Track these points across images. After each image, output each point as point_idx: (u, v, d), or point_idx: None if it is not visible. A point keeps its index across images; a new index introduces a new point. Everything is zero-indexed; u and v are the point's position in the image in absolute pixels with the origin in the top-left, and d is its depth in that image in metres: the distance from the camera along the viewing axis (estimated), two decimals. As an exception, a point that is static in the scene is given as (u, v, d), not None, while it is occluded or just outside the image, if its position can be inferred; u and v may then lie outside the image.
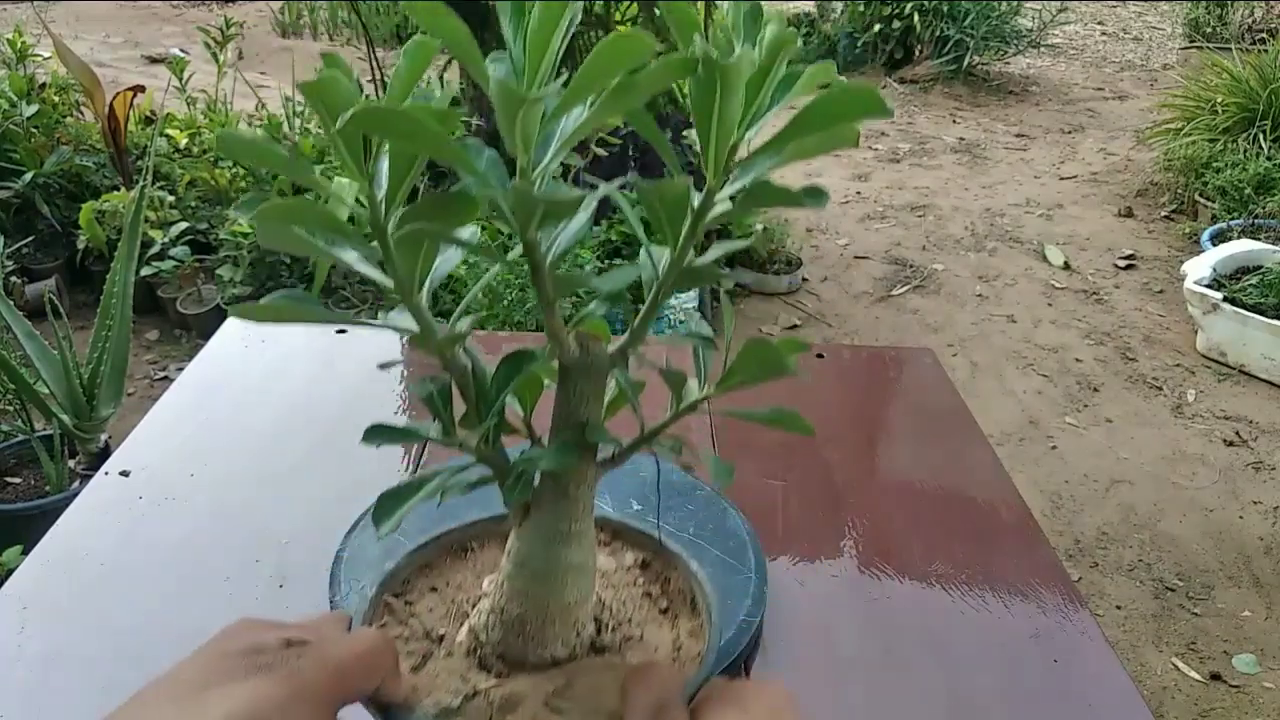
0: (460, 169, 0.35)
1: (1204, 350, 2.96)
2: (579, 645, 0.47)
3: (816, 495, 0.91)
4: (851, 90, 0.33)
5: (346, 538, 0.79)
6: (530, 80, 0.34)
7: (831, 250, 3.67)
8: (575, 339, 0.43)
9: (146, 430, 0.97)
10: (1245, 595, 2.03)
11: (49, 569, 0.78)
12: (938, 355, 1.16)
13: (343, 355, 1.13)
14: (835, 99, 0.34)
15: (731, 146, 0.36)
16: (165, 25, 6.99)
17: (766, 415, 0.43)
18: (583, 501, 0.46)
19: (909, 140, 5.00)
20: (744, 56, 0.33)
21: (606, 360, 0.44)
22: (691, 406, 0.46)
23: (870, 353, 1.25)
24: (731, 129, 0.36)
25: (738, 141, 0.36)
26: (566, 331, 0.43)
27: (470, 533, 0.56)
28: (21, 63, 3.09)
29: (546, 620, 0.46)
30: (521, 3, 0.33)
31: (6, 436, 2.06)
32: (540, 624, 0.46)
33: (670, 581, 0.54)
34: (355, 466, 0.91)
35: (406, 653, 0.47)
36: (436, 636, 0.49)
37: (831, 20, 6.33)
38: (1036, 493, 2.34)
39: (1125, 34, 7.54)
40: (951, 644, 0.73)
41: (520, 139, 0.34)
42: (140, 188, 2.11)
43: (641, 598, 0.53)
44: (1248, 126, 3.86)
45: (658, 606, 0.52)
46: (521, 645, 0.46)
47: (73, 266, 2.98)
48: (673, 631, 0.50)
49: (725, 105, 0.35)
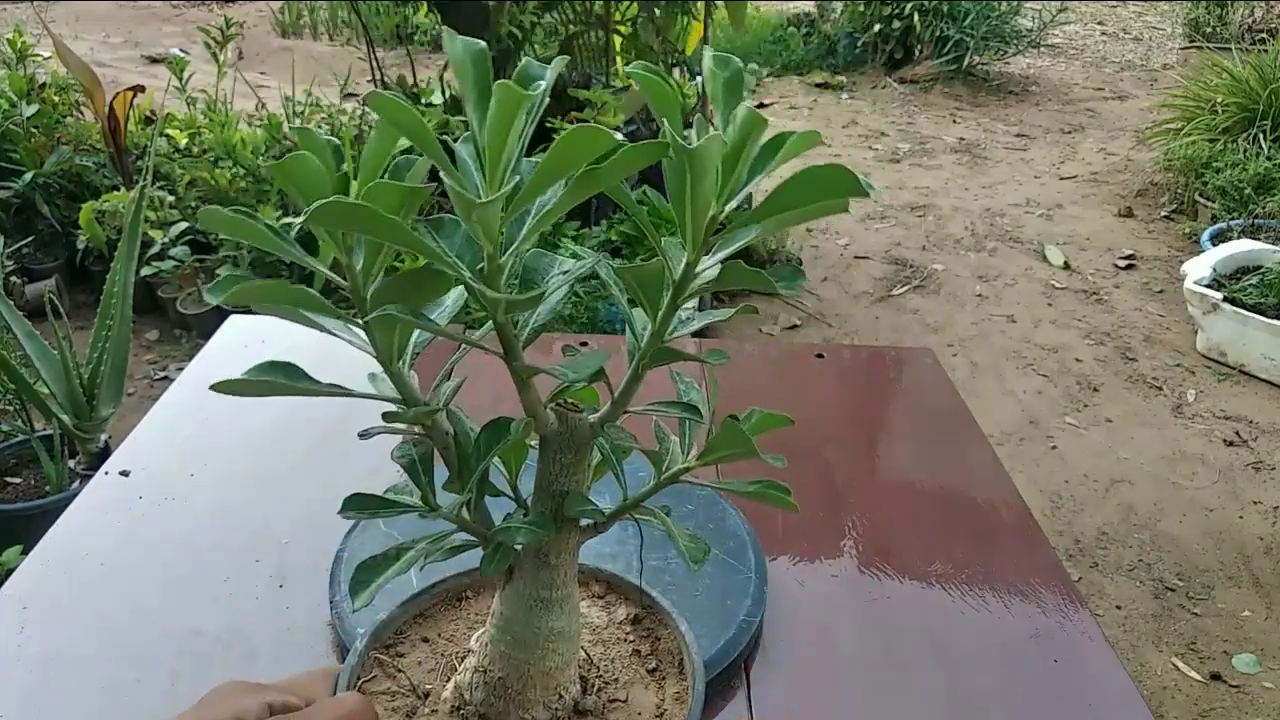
0: (426, 255, 0.35)
1: (1204, 350, 2.96)
2: (561, 708, 0.47)
3: (816, 495, 0.91)
4: (825, 173, 0.35)
5: (346, 538, 0.79)
6: (492, 168, 0.34)
7: (831, 250, 3.67)
8: (553, 411, 0.43)
9: (146, 430, 0.97)
10: (1245, 595, 2.03)
11: (49, 569, 0.78)
12: (938, 355, 1.16)
13: (343, 355, 1.13)
14: (808, 181, 0.35)
15: (710, 219, 0.36)
16: (165, 25, 6.99)
17: (752, 491, 0.44)
18: (564, 569, 0.46)
19: (909, 140, 5.00)
20: (713, 142, 0.33)
21: (587, 431, 0.44)
22: (673, 477, 0.47)
23: (870, 353, 1.25)
24: (706, 206, 0.36)
25: (716, 214, 0.36)
26: (545, 406, 0.43)
27: (465, 581, 0.56)
28: (21, 62, 3.09)
29: (528, 684, 0.46)
30: (486, 91, 0.33)
31: (6, 436, 2.06)
32: (521, 688, 0.46)
33: (660, 640, 0.54)
34: (355, 466, 0.91)
35: (391, 709, 0.48)
36: (423, 692, 0.49)
37: (831, 20, 6.33)
38: (1036, 493, 2.34)
39: (1125, 34, 7.54)
40: (951, 644, 0.73)
41: (483, 235, 0.35)
42: (140, 188, 2.11)
43: (630, 656, 0.53)
44: (1248, 126, 3.86)
45: (646, 666, 0.52)
46: (504, 707, 0.46)
47: (73, 266, 2.98)
48: (659, 695, 0.50)
49: (697, 187, 0.35)
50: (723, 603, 0.74)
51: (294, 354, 1.24)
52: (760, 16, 6.32)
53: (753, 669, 0.71)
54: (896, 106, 5.59)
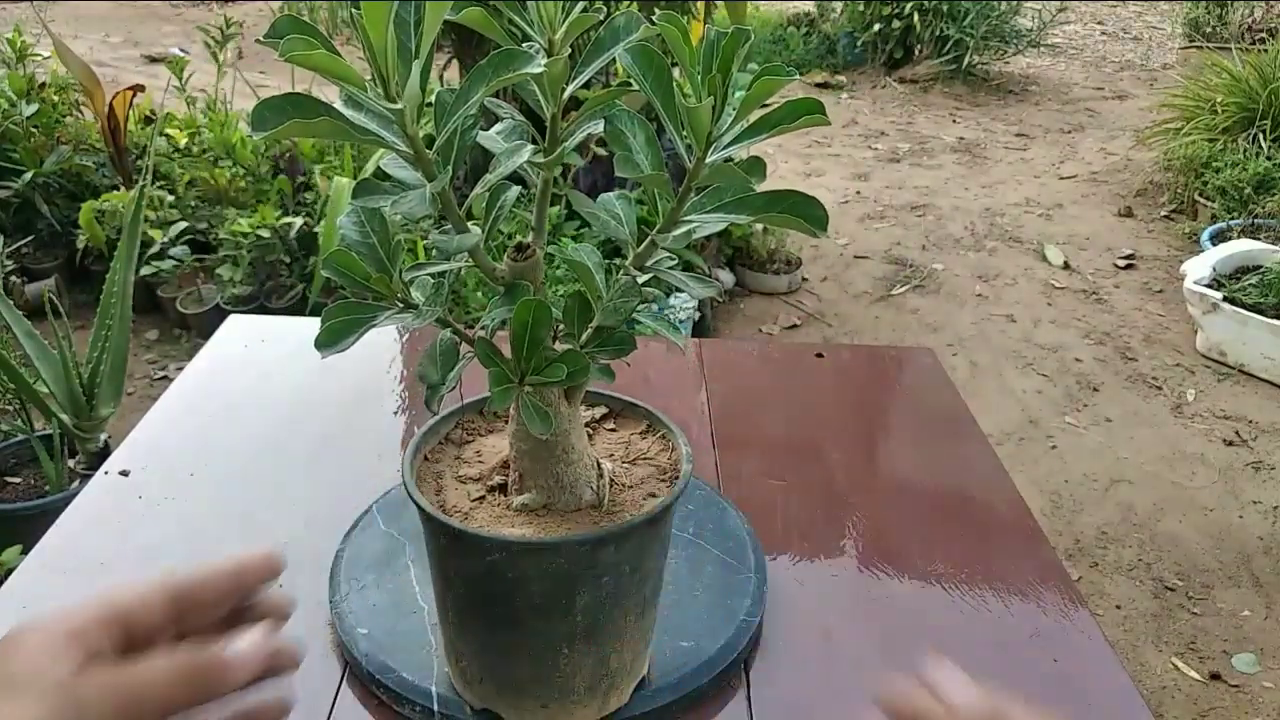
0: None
1: (1204, 350, 2.96)
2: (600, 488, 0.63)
3: (816, 495, 0.91)
4: (799, 102, 0.47)
5: (346, 538, 0.79)
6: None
7: (831, 250, 3.67)
8: (508, 256, 0.56)
9: (146, 430, 0.97)
10: (1245, 595, 2.03)
11: (49, 569, 0.78)
12: (938, 355, 1.16)
13: (343, 355, 1.13)
14: (785, 110, 0.48)
15: (708, 136, 0.49)
16: (165, 25, 6.99)
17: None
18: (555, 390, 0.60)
19: (909, 140, 5.00)
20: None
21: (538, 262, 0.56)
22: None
23: (870, 352, 1.25)
24: (704, 126, 0.49)
25: (711, 129, 0.49)
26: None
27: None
28: (21, 62, 3.09)
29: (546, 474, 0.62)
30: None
31: (6, 436, 2.06)
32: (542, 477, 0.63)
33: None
34: (355, 466, 0.91)
35: (457, 479, 0.65)
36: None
37: (831, 20, 6.33)
38: (1036, 492, 2.34)
39: (1125, 34, 7.54)
40: (951, 644, 0.73)
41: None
42: (140, 187, 2.11)
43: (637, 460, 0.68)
44: (1248, 126, 3.86)
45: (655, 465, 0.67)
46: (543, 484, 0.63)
47: (72, 266, 2.97)
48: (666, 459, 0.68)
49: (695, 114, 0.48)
50: (723, 602, 0.74)
51: (295, 355, 1.24)
52: (760, 16, 6.32)
53: (753, 669, 0.71)
54: (896, 106, 5.59)
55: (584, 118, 0.53)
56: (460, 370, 0.56)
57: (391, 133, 0.46)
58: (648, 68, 0.50)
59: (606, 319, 0.56)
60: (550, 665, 0.61)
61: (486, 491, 0.63)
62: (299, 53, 0.40)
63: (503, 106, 0.56)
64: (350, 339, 0.52)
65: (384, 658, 0.68)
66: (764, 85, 0.46)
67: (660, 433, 0.69)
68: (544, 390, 0.57)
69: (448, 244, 0.50)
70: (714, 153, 0.49)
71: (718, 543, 0.80)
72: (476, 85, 0.46)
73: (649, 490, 0.64)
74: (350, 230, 0.53)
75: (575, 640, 0.60)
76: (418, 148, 0.47)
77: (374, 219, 0.53)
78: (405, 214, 0.48)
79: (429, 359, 0.56)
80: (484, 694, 0.64)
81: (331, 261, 0.52)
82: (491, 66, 0.45)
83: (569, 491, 0.61)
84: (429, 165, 0.48)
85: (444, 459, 0.66)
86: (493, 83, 0.45)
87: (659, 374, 1.11)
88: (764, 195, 0.52)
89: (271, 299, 2.83)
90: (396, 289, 0.53)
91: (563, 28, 0.49)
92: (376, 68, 0.43)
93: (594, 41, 0.52)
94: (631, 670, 0.65)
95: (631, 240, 0.57)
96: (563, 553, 0.56)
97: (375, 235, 0.53)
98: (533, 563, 0.57)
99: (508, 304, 0.54)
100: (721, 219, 0.53)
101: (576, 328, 0.57)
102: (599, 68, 0.52)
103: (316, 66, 0.41)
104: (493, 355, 0.53)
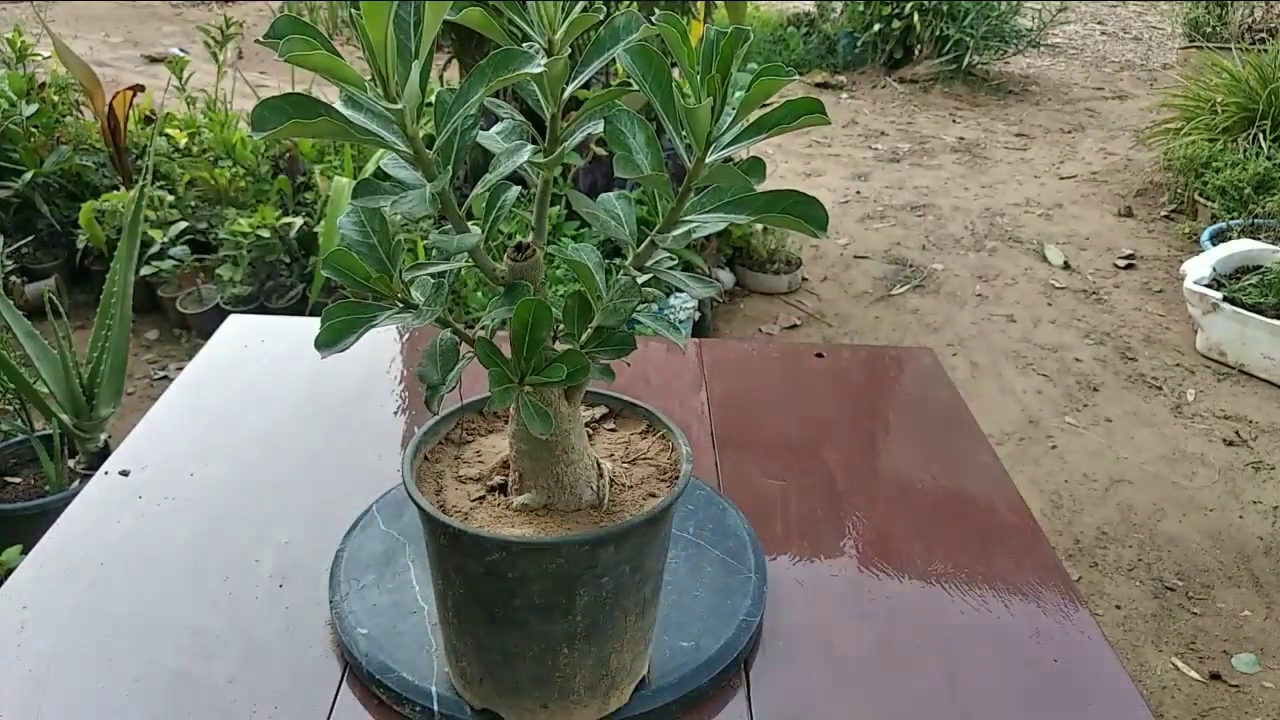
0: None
1: (1204, 350, 2.96)
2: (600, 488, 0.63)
3: (816, 495, 0.91)
4: (798, 102, 0.47)
5: (346, 538, 0.79)
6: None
7: (831, 250, 3.67)
8: (508, 256, 0.56)
9: (146, 430, 0.97)
10: (1245, 595, 2.03)
11: (49, 569, 0.78)
12: (938, 355, 1.16)
13: (342, 355, 1.13)
14: (784, 110, 0.48)
15: (707, 135, 0.49)
16: (165, 25, 6.99)
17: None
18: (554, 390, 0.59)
19: (909, 140, 5.00)
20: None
21: (538, 262, 0.57)
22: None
23: (870, 352, 1.25)
24: (704, 126, 0.49)
25: (711, 129, 0.49)
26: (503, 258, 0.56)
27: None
28: (21, 62, 3.09)
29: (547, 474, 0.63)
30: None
31: (6, 436, 2.06)
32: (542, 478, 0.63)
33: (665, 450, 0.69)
34: (355, 466, 0.91)
35: (457, 478, 0.65)
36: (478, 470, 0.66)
37: (831, 20, 6.33)
38: (1036, 493, 2.34)
39: (1125, 34, 7.54)
40: (951, 644, 0.73)
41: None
42: (140, 187, 2.11)
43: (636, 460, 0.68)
44: (1248, 126, 3.86)
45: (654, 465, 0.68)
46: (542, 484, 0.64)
47: (72, 266, 2.98)
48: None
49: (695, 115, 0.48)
50: (723, 602, 0.74)
51: (295, 355, 1.24)
52: (760, 16, 6.32)
53: (753, 669, 0.71)
54: (896, 106, 5.59)
55: (584, 118, 0.53)
56: (460, 370, 0.56)
57: (391, 133, 0.46)
58: (647, 68, 0.50)
59: (606, 319, 0.56)
60: (550, 665, 0.61)
61: (486, 491, 0.64)
62: (299, 53, 0.40)
63: (503, 106, 0.56)
64: (350, 339, 0.52)
65: (384, 658, 0.68)
66: (763, 85, 0.46)
67: (660, 433, 0.69)
68: (544, 390, 0.57)
69: (448, 244, 0.50)
70: (714, 153, 0.49)
71: (718, 543, 0.80)
72: (476, 85, 0.46)
73: (649, 490, 0.64)
74: (350, 230, 0.53)
75: (575, 640, 0.60)
76: (418, 148, 0.47)
77: (374, 219, 0.53)
78: (405, 214, 0.48)
79: (429, 359, 0.57)
80: (484, 694, 0.64)
81: (331, 261, 0.52)
82: (491, 66, 0.45)
83: (569, 491, 0.62)
84: (429, 165, 0.48)
85: (444, 459, 0.67)
86: (493, 83, 0.45)
87: (659, 374, 1.11)
88: (764, 195, 0.52)
89: (271, 299, 2.83)
90: (396, 289, 0.53)
91: (563, 28, 0.49)
92: (376, 68, 0.43)
93: (594, 41, 0.52)
94: (631, 670, 0.65)
95: (631, 240, 0.57)
96: (563, 553, 0.56)
97: (375, 235, 0.53)
98: (533, 563, 0.57)
99: (508, 304, 0.54)
100: (721, 219, 0.53)
101: (576, 328, 0.57)
102: (599, 68, 0.52)
103: (316, 66, 0.41)
104: (493, 355, 0.53)
